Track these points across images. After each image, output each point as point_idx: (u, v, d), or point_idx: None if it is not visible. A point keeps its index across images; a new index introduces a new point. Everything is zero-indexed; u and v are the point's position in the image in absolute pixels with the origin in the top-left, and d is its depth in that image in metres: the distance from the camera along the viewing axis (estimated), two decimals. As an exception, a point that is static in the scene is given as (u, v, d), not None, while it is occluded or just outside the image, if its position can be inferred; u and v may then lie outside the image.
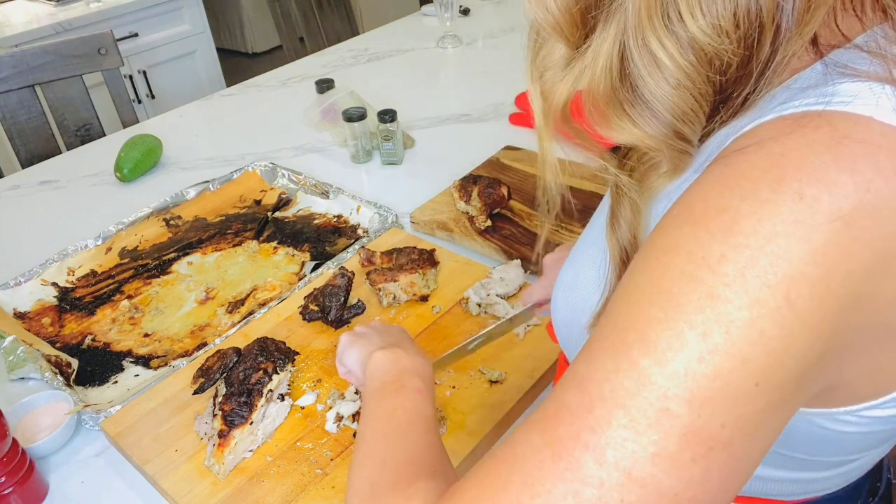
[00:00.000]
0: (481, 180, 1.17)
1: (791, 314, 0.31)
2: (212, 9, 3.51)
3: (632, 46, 0.37)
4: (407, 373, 0.60)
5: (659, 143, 0.40)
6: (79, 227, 1.27)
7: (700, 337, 0.32)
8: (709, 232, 0.33)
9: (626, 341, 0.34)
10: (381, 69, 1.87)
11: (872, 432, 0.43)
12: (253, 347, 0.85)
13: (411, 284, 0.98)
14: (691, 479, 0.32)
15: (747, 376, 0.32)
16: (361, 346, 0.68)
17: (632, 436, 0.32)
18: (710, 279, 0.32)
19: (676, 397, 0.32)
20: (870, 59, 0.34)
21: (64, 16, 2.45)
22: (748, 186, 0.32)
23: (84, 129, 1.73)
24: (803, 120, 0.33)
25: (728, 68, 0.36)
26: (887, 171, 0.31)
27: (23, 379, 0.94)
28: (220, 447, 0.75)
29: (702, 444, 0.32)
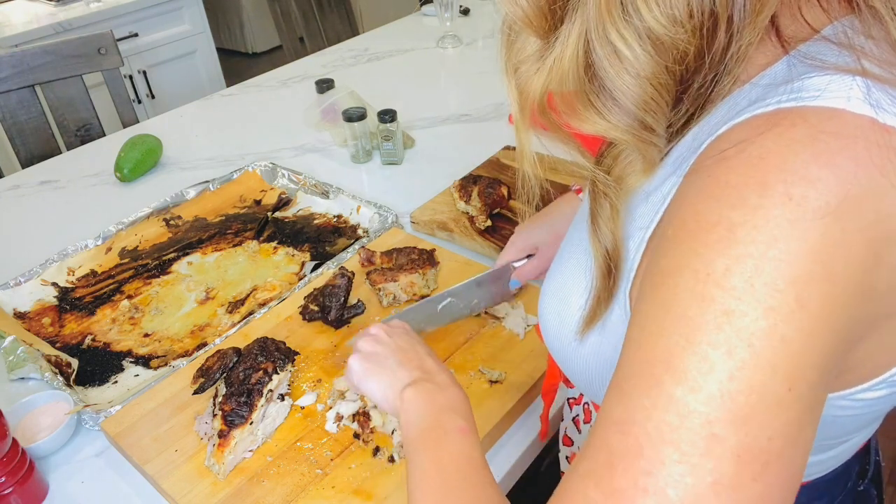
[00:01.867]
0: (481, 180, 1.17)
1: (805, 315, 0.31)
2: (212, 9, 3.51)
3: (594, 38, 0.38)
4: (446, 413, 0.57)
5: (625, 133, 0.40)
6: (79, 227, 1.27)
7: (726, 355, 0.32)
8: (708, 247, 0.33)
9: (655, 374, 0.34)
10: (381, 69, 1.87)
11: (863, 414, 0.43)
12: (253, 347, 0.85)
13: (411, 284, 0.98)
14: (753, 498, 0.32)
15: (780, 383, 0.32)
16: (383, 380, 0.63)
17: (687, 470, 0.32)
18: (720, 296, 0.32)
19: (719, 420, 0.32)
20: (838, 51, 0.35)
21: (64, 16, 2.45)
22: (735, 195, 0.33)
23: (84, 129, 1.73)
24: (776, 118, 0.33)
25: (685, 57, 0.37)
26: (864, 161, 0.32)
27: (23, 379, 0.94)
28: (220, 447, 0.75)
29: (756, 461, 0.32)
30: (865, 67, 0.33)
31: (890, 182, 0.32)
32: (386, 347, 0.66)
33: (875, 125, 0.32)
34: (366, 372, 0.65)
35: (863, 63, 0.34)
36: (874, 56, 0.34)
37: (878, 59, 0.34)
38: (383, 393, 0.63)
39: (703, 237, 0.33)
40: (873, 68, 0.34)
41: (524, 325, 0.91)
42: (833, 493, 0.57)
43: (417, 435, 0.56)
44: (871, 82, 0.33)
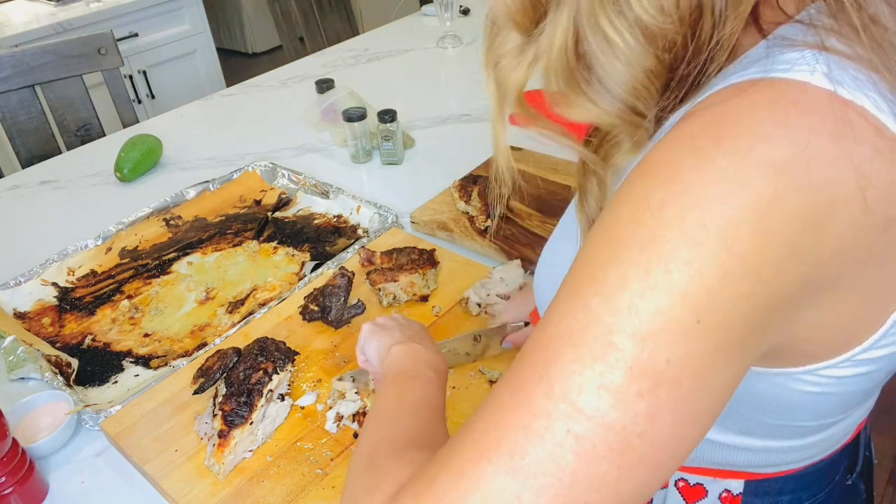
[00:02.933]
0: (481, 180, 1.17)
1: (728, 255, 0.33)
2: (212, 9, 3.51)
3: (585, 28, 0.40)
4: (422, 364, 0.64)
5: (616, 118, 0.43)
6: (79, 227, 1.27)
7: (642, 274, 0.33)
8: (654, 181, 0.35)
9: (578, 284, 0.36)
10: (381, 69, 1.87)
11: (836, 393, 0.44)
12: (253, 347, 0.85)
13: (411, 284, 0.98)
14: (638, 414, 0.33)
15: (688, 312, 0.33)
16: (382, 339, 0.71)
17: (578, 369, 0.34)
18: (651, 222, 0.34)
19: (621, 331, 0.33)
20: (806, 30, 0.37)
21: (64, 16, 2.45)
22: (690, 142, 0.35)
23: (84, 129, 1.73)
24: (745, 86, 0.35)
25: (673, 46, 0.39)
26: (819, 130, 0.33)
27: (23, 379, 0.94)
28: (220, 447, 0.75)
29: (647, 380, 0.33)
30: (829, 45, 0.35)
31: (842, 151, 0.33)
32: (396, 323, 0.74)
33: (833, 98, 0.34)
34: (371, 334, 0.73)
35: (827, 41, 0.36)
36: (838, 33, 0.36)
37: (842, 37, 0.36)
38: (378, 349, 0.70)
39: (653, 174, 0.35)
40: (837, 45, 0.35)
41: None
42: (819, 484, 0.57)
43: (391, 377, 0.63)
44: (834, 59, 0.35)
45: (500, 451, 0.35)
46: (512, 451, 0.34)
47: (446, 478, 0.36)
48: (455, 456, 0.37)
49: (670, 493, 0.59)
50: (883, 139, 0.34)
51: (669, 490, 0.59)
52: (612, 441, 0.33)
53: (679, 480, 0.58)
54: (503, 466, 0.34)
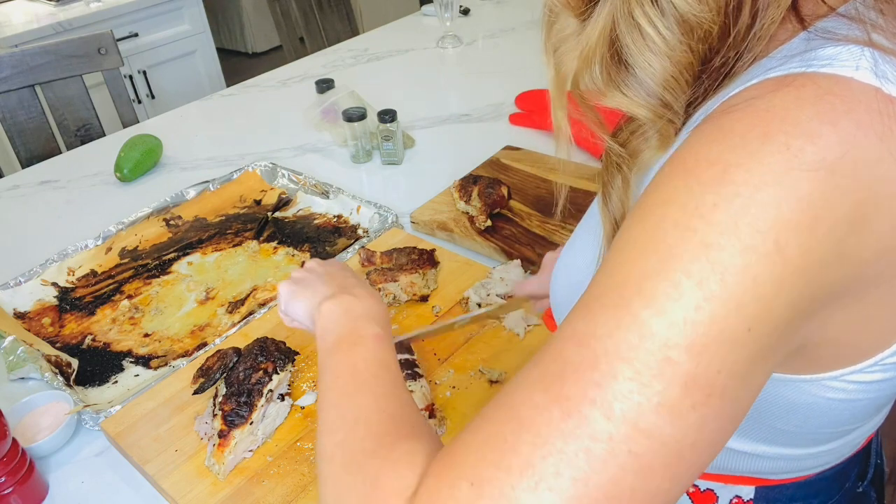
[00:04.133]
0: (481, 180, 1.17)
1: (781, 260, 0.32)
2: (212, 9, 3.51)
3: (619, 17, 0.39)
4: (361, 319, 0.58)
5: (645, 110, 0.42)
6: (79, 227, 1.27)
7: (696, 285, 0.32)
8: (700, 183, 0.34)
9: (625, 295, 0.34)
10: (381, 69, 1.87)
11: (861, 400, 0.44)
12: (253, 347, 0.85)
13: (411, 284, 0.98)
14: (690, 427, 0.33)
15: (741, 322, 0.32)
16: (307, 297, 0.65)
17: (637, 388, 0.32)
18: (703, 228, 0.33)
19: (677, 346, 0.32)
20: (849, 25, 0.36)
21: (64, 16, 2.45)
22: (737, 140, 0.34)
23: (84, 129, 1.73)
24: (787, 80, 0.34)
25: (709, 37, 0.38)
26: (866, 127, 0.32)
27: (23, 379, 0.94)
28: (220, 447, 0.75)
29: (701, 392, 0.33)
30: (874, 39, 0.34)
31: (888, 149, 0.33)
32: (312, 273, 0.68)
33: (879, 94, 0.33)
34: (292, 294, 0.67)
35: (872, 35, 0.35)
36: (884, 29, 0.35)
37: (887, 33, 0.35)
38: (306, 310, 0.64)
39: (697, 174, 0.34)
40: (882, 41, 0.35)
41: (524, 325, 0.91)
42: (830, 492, 0.57)
43: (333, 341, 0.57)
44: (878, 54, 0.34)
45: (562, 478, 0.33)
46: (575, 479, 0.33)
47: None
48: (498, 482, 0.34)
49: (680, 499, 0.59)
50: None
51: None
52: (668, 456, 0.33)
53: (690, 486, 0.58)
54: (565, 494, 0.32)
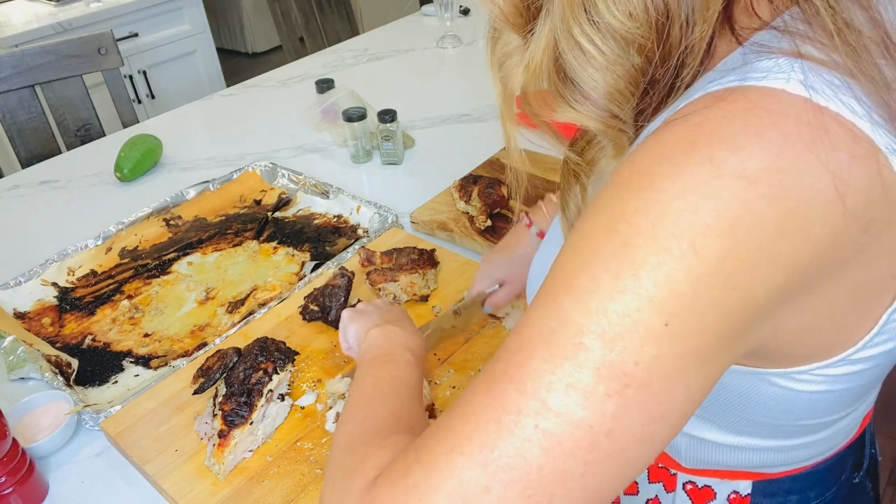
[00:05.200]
0: (481, 180, 1.17)
1: (697, 262, 0.33)
2: (212, 9, 3.51)
3: (559, 35, 0.41)
4: (399, 346, 0.66)
5: (595, 122, 0.44)
6: (79, 227, 1.27)
7: (612, 279, 0.34)
8: (628, 190, 0.36)
9: (554, 289, 0.37)
10: (381, 69, 1.87)
11: (834, 391, 0.44)
12: (253, 347, 0.85)
13: (411, 284, 0.98)
14: (606, 413, 0.34)
15: (656, 315, 0.34)
16: (361, 323, 0.73)
17: (549, 367, 0.35)
18: (625, 230, 0.35)
19: (590, 332, 0.34)
20: (781, 37, 0.37)
21: (64, 16, 2.45)
22: (665, 152, 0.35)
23: (84, 129, 1.73)
24: (722, 95, 0.36)
25: (644, 50, 0.40)
26: (793, 137, 0.33)
27: (23, 379, 0.94)
28: (220, 447, 0.75)
29: (616, 380, 0.34)
30: (804, 52, 0.36)
31: (817, 158, 0.33)
32: (374, 308, 0.76)
33: (809, 105, 0.34)
34: (351, 320, 0.75)
35: (802, 48, 0.36)
36: (813, 39, 0.36)
37: (817, 43, 0.36)
38: (356, 333, 0.73)
39: (628, 182, 0.36)
40: (812, 52, 0.36)
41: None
42: (826, 483, 0.57)
43: (370, 359, 0.65)
44: (809, 65, 0.35)
45: (472, 444, 0.36)
46: (483, 445, 0.35)
47: (420, 469, 0.37)
48: (429, 448, 0.38)
49: (678, 495, 0.59)
50: (860, 144, 0.34)
51: (678, 493, 0.59)
52: (579, 438, 0.34)
53: (687, 483, 0.58)
54: (474, 459, 0.35)
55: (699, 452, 0.55)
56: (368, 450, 0.46)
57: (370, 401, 0.56)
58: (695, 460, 0.56)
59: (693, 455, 0.56)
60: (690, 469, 0.57)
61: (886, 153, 0.35)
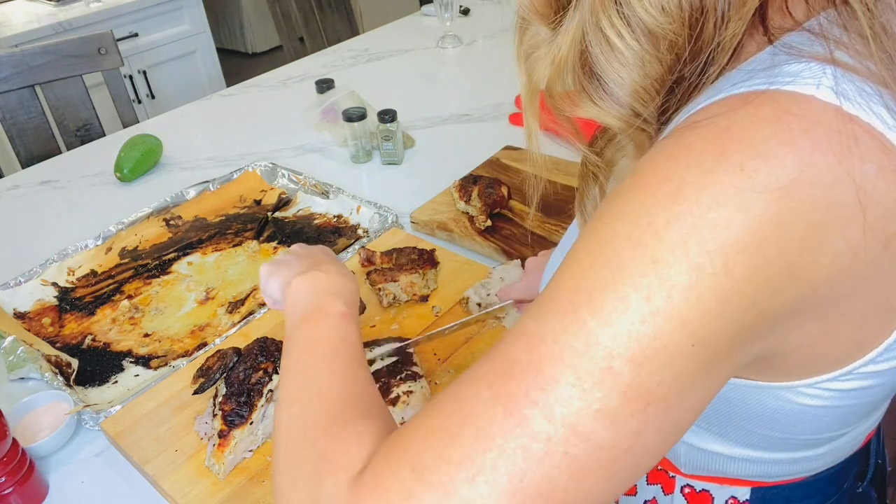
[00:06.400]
0: (481, 180, 1.17)
1: (728, 280, 0.33)
2: (212, 9, 3.51)
3: (588, 29, 0.40)
4: (329, 296, 0.59)
5: (616, 119, 0.42)
6: (79, 227, 1.27)
7: (644, 300, 0.33)
8: (655, 199, 0.34)
9: (575, 302, 0.35)
10: (381, 69, 1.87)
11: (840, 407, 0.44)
12: (253, 347, 0.85)
13: (411, 284, 0.98)
14: (628, 433, 0.34)
15: (685, 337, 0.33)
16: (281, 275, 0.66)
17: (578, 394, 0.34)
18: (654, 244, 0.34)
19: (620, 357, 0.33)
20: (813, 40, 0.36)
21: (64, 16, 2.45)
22: (693, 157, 0.34)
23: (84, 129, 1.73)
24: (750, 97, 0.35)
25: (675, 47, 0.39)
26: (823, 147, 0.32)
27: (23, 379, 0.94)
28: (220, 447, 0.75)
29: (640, 401, 0.34)
30: (837, 57, 0.35)
31: (846, 170, 0.33)
32: (292, 255, 0.69)
33: (839, 113, 0.33)
34: (270, 274, 0.68)
35: (835, 53, 0.35)
36: (847, 46, 0.35)
37: (851, 50, 0.35)
38: (279, 287, 0.65)
39: (653, 190, 0.35)
40: (845, 58, 0.35)
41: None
42: (828, 492, 0.57)
43: (299, 317, 0.58)
44: (840, 72, 0.34)
45: (498, 473, 0.34)
46: (511, 475, 0.34)
47: (431, 495, 0.35)
48: (436, 469, 0.35)
49: (676, 498, 0.59)
50: (889, 156, 0.33)
51: (675, 496, 0.59)
52: (602, 458, 0.34)
53: (685, 487, 0.58)
54: (500, 489, 0.34)
55: (699, 460, 0.55)
56: (329, 443, 0.43)
57: (313, 373, 0.51)
58: (694, 467, 0.56)
59: (692, 462, 0.55)
60: (689, 474, 0.57)
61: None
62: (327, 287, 0.60)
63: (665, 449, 0.37)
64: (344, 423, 0.44)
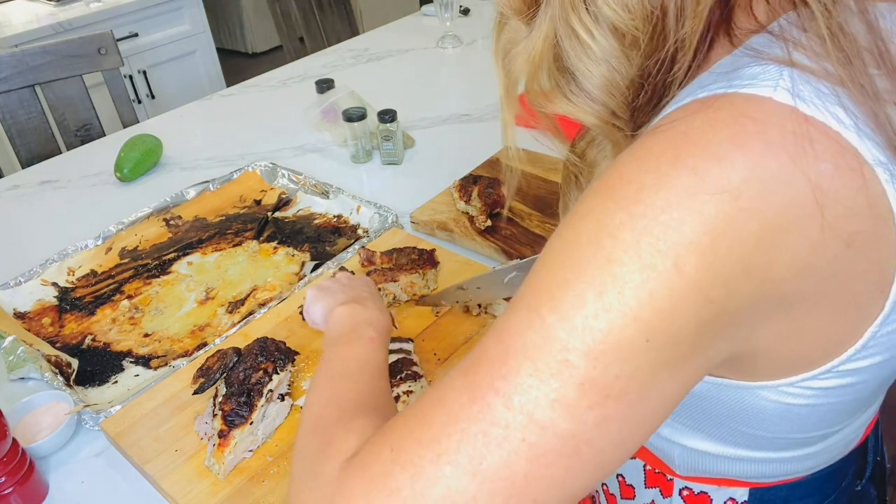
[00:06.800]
0: (481, 180, 1.17)
1: (679, 278, 0.34)
2: (212, 9, 3.51)
3: (558, 25, 0.42)
4: (362, 325, 0.67)
5: (591, 116, 0.44)
6: (79, 227, 1.27)
7: (597, 296, 0.35)
8: (614, 201, 0.36)
9: (538, 300, 0.37)
10: (381, 69, 1.87)
11: (824, 405, 0.44)
12: (253, 347, 0.85)
13: (411, 284, 0.98)
14: (587, 423, 0.35)
15: (638, 332, 0.34)
16: (325, 301, 0.73)
17: (536, 384, 0.35)
18: (609, 245, 0.35)
19: (575, 350, 0.35)
20: (773, 42, 0.37)
21: (64, 16, 2.45)
22: (652, 161, 0.35)
23: (84, 129, 1.73)
24: (709, 101, 0.36)
25: (638, 43, 0.40)
26: (776, 147, 0.33)
27: (23, 379, 0.94)
28: (220, 447, 0.75)
29: (598, 394, 0.35)
30: (795, 59, 0.35)
31: (800, 170, 0.33)
32: (336, 283, 0.77)
33: (795, 114, 0.34)
34: (314, 298, 0.76)
35: (793, 55, 0.36)
36: (806, 48, 0.36)
37: (809, 51, 0.36)
38: (322, 312, 0.73)
39: (614, 192, 0.36)
40: (803, 60, 0.35)
41: None
42: (826, 491, 0.57)
43: (334, 337, 0.66)
44: (798, 73, 0.35)
45: (461, 455, 0.36)
46: (472, 456, 0.36)
47: (402, 473, 0.37)
48: (408, 449, 0.38)
49: (675, 501, 0.59)
50: (845, 155, 0.34)
51: (673, 498, 0.59)
52: (562, 448, 0.36)
53: (683, 489, 0.58)
54: (462, 469, 0.36)
55: (693, 462, 0.55)
56: (334, 432, 0.46)
57: (335, 381, 0.57)
58: (689, 468, 0.56)
59: (687, 464, 0.56)
60: (687, 476, 0.57)
61: (872, 165, 0.34)
62: (365, 319, 0.68)
63: (633, 444, 0.38)
64: (352, 417, 0.48)
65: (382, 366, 0.61)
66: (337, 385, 0.56)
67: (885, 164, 0.35)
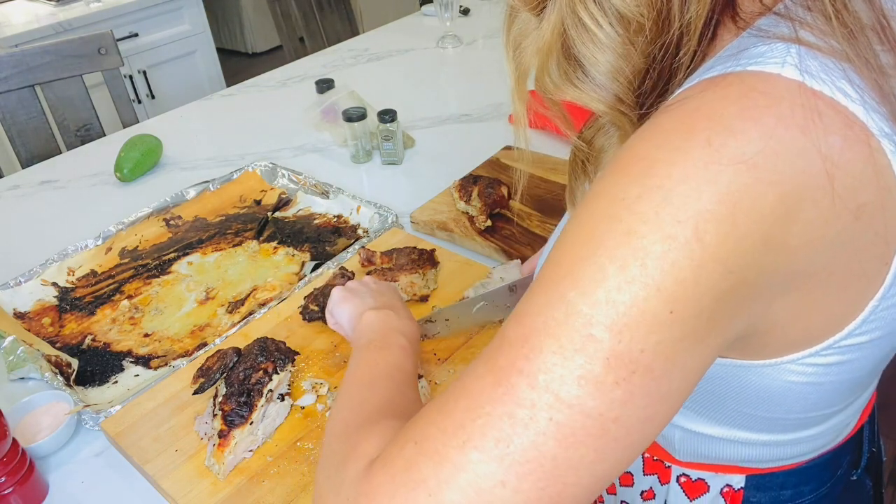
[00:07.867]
0: (481, 180, 1.17)
1: (699, 247, 0.34)
2: (212, 9, 3.51)
3: (565, 14, 0.42)
4: (394, 332, 0.66)
5: (598, 103, 0.45)
6: (79, 227, 1.27)
7: (619, 269, 0.35)
8: (628, 176, 0.36)
9: (556, 278, 0.37)
10: (381, 69, 1.87)
11: (824, 383, 0.45)
12: (253, 347, 0.85)
13: (411, 284, 0.98)
14: (614, 401, 0.35)
15: (662, 304, 0.34)
16: (354, 304, 0.73)
17: (560, 361, 0.35)
18: (627, 218, 0.35)
19: (599, 324, 0.35)
20: (779, 22, 0.38)
21: (64, 16, 2.45)
22: (664, 136, 0.36)
23: (84, 129, 1.73)
24: (718, 79, 0.36)
25: (643, 30, 0.41)
26: (787, 120, 0.34)
27: (23, 379, 0.94)
28: (220, 447, 0.75)
29: (624, 368, 0.35)
30: (801, 37, 0.36)
31: (811, 142, 0.34)
32: (365, 287, 0.77)
33: (803, 89, 0.34)
34: (342, 299, 0.75)
35: (800, 33, 0.36)
36: (811, 26, 0.37)
37: (815, 29, 0.36)
38: (349, 315, 0.73)
39: (627, 168, 0.36)
40: (809, 37, 0.36)
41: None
42: (821, 479, 0.58)
43: (365, 343, 0.66)
44: (805, 50, 0.36)
45: (486, 438, 0.36)
46: (498, 440, 0.35)
47: (427, 462, 0.37)
48: (433, 439, 0.37)
49: (672, 488, 0.59)
50: (852, 128, 0.35)
51: (671, 485, 0.59)
52: (590, 427, 0.35)
53: (681, 476, 0.59)
54: (489, 454, 0.35)
55: (693, 445, 0.55)
56: (360, 435, 0.46)
57: (364, 387, 0.57)
58: (688, 453, 0.56)
59: (687, 448, 0.56)
60: (685, 462, 0.58)
61: (879, 138, 0.35)
62: (396, 326, 0.68)
63: (659, 422, 0.37)
64: (377, 421, 0.48)
65: (412, 375, 0.61)
66: (366, 391, 0.56)
67: (889, 135, 0.36)
